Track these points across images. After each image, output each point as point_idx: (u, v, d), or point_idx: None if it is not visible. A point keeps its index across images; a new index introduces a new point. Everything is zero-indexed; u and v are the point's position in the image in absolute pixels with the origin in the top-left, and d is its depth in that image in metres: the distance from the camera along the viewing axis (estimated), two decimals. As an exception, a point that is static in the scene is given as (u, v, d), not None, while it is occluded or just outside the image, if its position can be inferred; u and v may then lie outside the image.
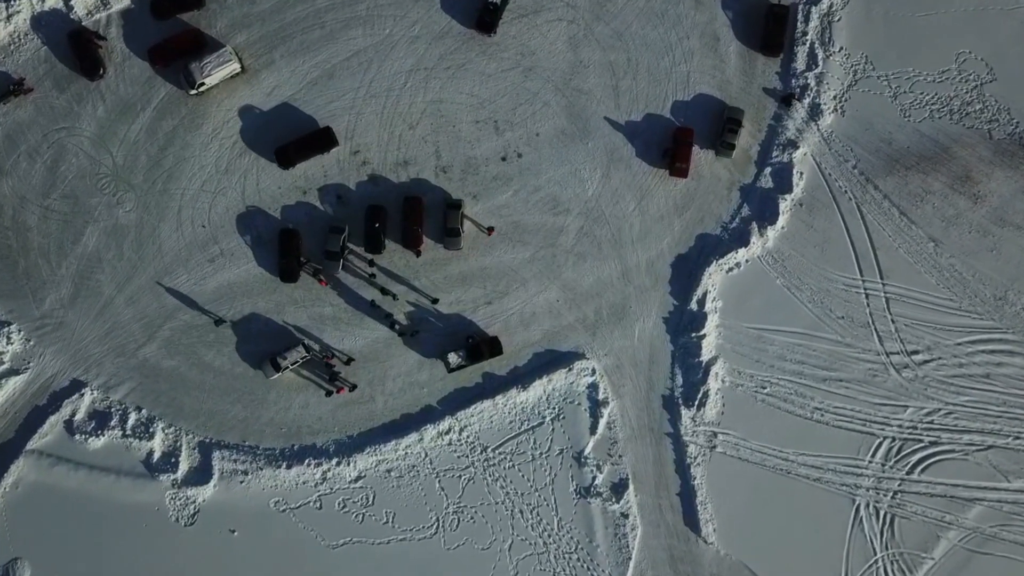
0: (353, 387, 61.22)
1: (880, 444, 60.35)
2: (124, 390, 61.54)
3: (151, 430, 61.26)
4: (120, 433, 61.19)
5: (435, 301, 61.11)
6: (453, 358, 60.05)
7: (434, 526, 61.37)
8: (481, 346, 59.96)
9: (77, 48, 60.37)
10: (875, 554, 60.62)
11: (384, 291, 60.90)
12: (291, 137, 60.08)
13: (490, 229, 60.64)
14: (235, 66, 60.13)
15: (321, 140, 60.04)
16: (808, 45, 61.12)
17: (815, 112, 60.90)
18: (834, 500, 60.50)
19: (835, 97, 60.96)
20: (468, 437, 61.15)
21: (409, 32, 61.24)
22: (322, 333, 61.29)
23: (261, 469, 61.17)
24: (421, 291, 61.12)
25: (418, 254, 60.76)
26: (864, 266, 60.52)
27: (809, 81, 60.93)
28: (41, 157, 61.18)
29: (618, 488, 60.91)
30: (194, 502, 61.29)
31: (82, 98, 61.25)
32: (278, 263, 60.58)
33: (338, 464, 61.06)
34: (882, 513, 60.45)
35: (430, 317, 61.23)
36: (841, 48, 60.99)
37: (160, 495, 61.35)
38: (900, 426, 60.35)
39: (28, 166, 61.21)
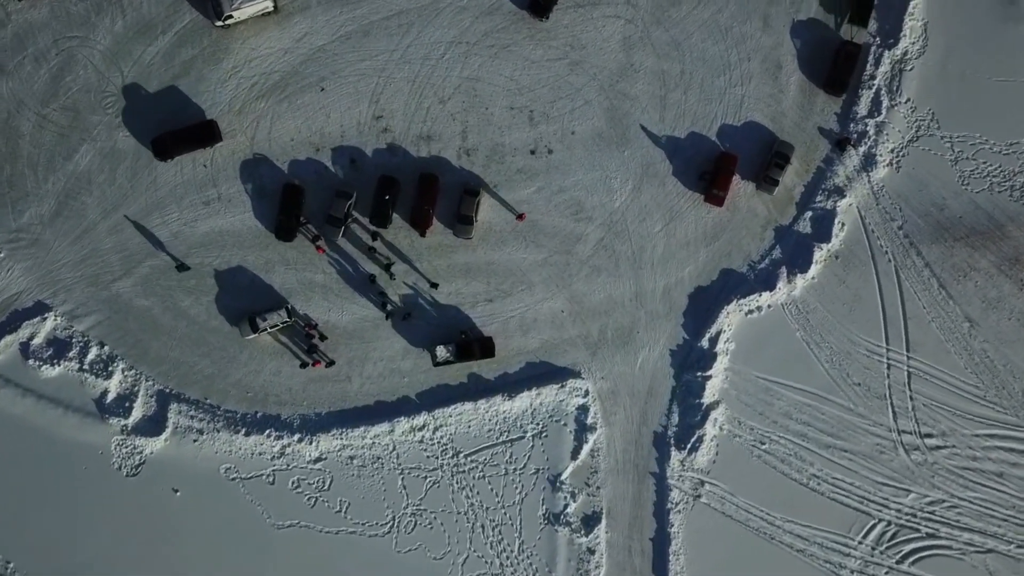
0: (330, 363, 57.88)
1: (874, 526, 57.70)
2: (90, 322, 58.44)
3: (110, 369, 58.31)
4: (77, 366, 58.33)
5: (435, 286, 57.84)
6: (441, 351, 56.90)
7: (388, 525, 58.43)
8: (473, 344, 57.00)
9: (106, -45, 57.25)
10: (849, 641, 57.40)
11: (387, 266, 57.38)
12: (171, 126, 57.10)
13: (520, 216, 57.17)
14: (268, 4, 57.49)
15: (203, 133, 56.91)
16: (874, 90, 57.69)
17: (869, 162, 57.37)
18: (815, 576, 57.67)
19: (892, 150, 57.53)
20: (441, 438, 58.15)
21: (457, 1, 57.89)
22: (309, 301, 58.35)
23: (218, 431, 58.24)
24: (422, 273, 57.60)
25: (423, 235, 57.18)
26: (892, 334, 57.28)
27: (868, 128, 57.46)
28: (47, 63, 58.03)
29: (590, 521, 57.95)
30: (141, 452, 58.59)
31: (101, 9, 58.32)
32: (276, 218, 57.69)
33: (300, 441, 58.20)
34: (863, 599, 57.34)
35: (425, 303, 57.93)
36: (908, 99, 57.53)
37: (107, 439, 58.82)
38: (899, 511, 57.34)
39: (32, 70, 58.09)
